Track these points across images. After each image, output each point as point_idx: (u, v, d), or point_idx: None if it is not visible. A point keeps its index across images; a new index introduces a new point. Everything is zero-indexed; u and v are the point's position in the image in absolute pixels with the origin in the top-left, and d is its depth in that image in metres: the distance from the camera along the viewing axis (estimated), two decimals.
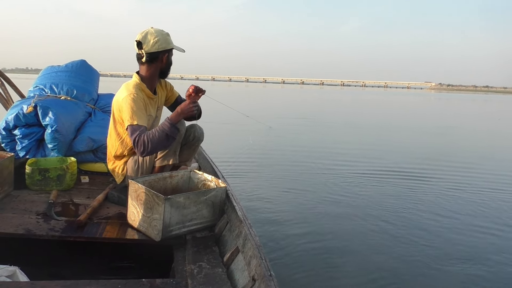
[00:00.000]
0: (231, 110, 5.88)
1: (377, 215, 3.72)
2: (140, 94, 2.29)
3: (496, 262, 2.84)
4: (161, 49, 2.31)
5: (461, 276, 2.65)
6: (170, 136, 2.18)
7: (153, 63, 2.35)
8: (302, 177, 5.19)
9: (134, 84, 2.33)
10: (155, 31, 2.33)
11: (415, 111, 23.07)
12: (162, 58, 2.36)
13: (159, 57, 2.35)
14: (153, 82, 2.43)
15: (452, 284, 2.57)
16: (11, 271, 1.48)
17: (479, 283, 2.56)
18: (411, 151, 7.95)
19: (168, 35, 2.37)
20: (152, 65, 2.36)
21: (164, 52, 2.34)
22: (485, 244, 3.19)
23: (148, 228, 1.86)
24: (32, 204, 2.21)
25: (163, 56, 2.35)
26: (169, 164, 2.36)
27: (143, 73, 2.38)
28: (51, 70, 3.23)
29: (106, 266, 2.01)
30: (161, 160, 2.34)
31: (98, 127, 2.96)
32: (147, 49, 2.30)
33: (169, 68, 2.45)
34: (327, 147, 7.87)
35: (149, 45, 2.29)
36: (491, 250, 3.06)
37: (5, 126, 2.76)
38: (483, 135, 11.84)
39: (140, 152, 2.15)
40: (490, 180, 5.48)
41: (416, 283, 2.56)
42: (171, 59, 2.43)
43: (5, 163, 2.29)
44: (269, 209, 3.71)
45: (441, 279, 2.61)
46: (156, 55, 2.33)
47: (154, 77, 2.41)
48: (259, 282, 1.36)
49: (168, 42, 2.35)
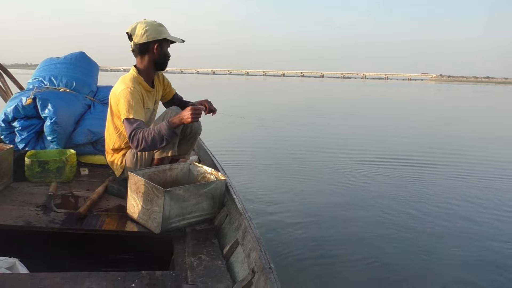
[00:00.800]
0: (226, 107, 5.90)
1: (381, 205, 3.72)
2: (137, 87, 2.26)
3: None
4: (150, 39, 2.25)
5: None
6: (167, 139, 2.12)
7: (145, 55, 2.31)
8: (302, 168, 5.19)
9: (131, 77, 2.29)
10: (145, 22, 2.27)
11: (419, 101, 23.15)
12: (153, 49, 2.29)
13: (150, 48, 2.28)
14: (150, 75, 2.38)
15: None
16: (10, 263, 1.48)
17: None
18: (420, 142, 7.92)
19: (161, 26, 2.29)
20: (144, 57, 2.31)
21: (154, 42, 2.27)
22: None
23: (147, 220, 1.86)
24: (32, 196, 2.21)
25: (153, 46, 2.28)
26: (168, 156, 2.33)
27: (139, 66, 2.34)
28: (50, 62, 3.21)
29: (105, 258, 2.01)
30: (160, 152, 2.31)
31: (97, 119, 2.95)
32: (136, 40, 2.25)
33: (164, 59, 2.37)
34: (329, 138, 7.87)
35: (138, 36, 2.25)
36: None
37: (4, 118, 2.75)
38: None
39: (135, 147, 2.13)
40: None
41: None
42: (166, 50, 2.35)
43: (5, 155, 2.29)
44: (269, 200, 3.71)
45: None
46: (145, 46, 2.27)
47: (149, 69, 2.36)
48: (259, 275, 1.36)
49: (158, 32, 2.27)
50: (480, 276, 2.54)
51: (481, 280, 2.50)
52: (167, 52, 2.37)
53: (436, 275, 2.55)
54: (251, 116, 10.87)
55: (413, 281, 2.49)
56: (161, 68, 2.42)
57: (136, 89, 2.24)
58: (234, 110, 11.42)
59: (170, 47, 2.40)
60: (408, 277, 2.53)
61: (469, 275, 2.55)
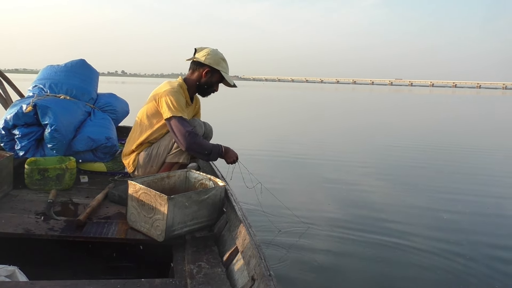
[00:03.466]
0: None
1: (382, 208, 3.71)
2: (182, 92, 2.47)
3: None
4: (206, 63, 2.46)
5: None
6: (211, 156, 2.39)
7: (195, 72, 2.53)
8: (303, 171, 5.20)
9: (178, 83, 2.51)
10: (215, 51, 2.51)
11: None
12: (203, 72, 2.49)
13: (201, 69, 2.49)
14: (192, 90, 2.57)
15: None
16: (10, 271, 1.48)
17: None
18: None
19: (224, 61, 2.52)
20: (194, 73, 2.53)
21: (206, 67, 2.47)
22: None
23: (150, 229, 1.85)
24: (31, 203, 2.21)
25: (204, 69, 2.48)
26: (179, 162, 2.45)
27: (187, 77, 2.56)
28: (50, 69, 3.23)
29: (105, 266, 2.01)
30: (172, 156, 2.43)
31: (97, 127, 2.96)
32: (197, 56, 2.49)
33: (208, 88, 2.55)
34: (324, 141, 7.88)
35: (200, 54, 2.48)
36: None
37: (4, 125, 2.75)
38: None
39: (186, 144, 2.30)
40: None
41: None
42: (214, 81, 2.53)
43: (4, 162, 2.29)
44: (269, 207, 3.70)
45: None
46: (199, 65, 2.49)
47: (192, 85, 2.55)
48: (259, 282, 1.36)
49: (217, 62, 2.47)
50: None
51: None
52: (214, 84, 2.55)
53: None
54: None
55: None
56: (201, 94, 2.63)
57: (181, 93, 2.46)
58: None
59: (225, 86, 2.63)
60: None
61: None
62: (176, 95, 2.39)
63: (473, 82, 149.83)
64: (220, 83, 2.58)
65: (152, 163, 2.47)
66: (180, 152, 2.42)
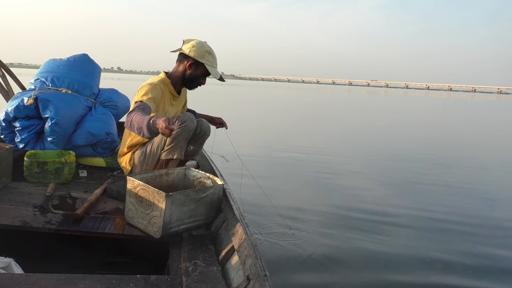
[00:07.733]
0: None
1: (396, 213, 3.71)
2: (161, 86, 2.42)
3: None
4: (190, 55, 2.41)
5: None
6: (141, 131, 1.98)
7: (181, 63, 2.49)
8: (302, 174, 5.20)
9: (158, 78, 2.49)
10: (201, 43, 2.45)
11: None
12: (187, 64, 2.45)
13: (185, 62, 2.46)
14: (178, 83, 2.54)
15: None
16: (5, 263, 1.48)
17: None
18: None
19: (210, 54, 2.44)
20: (180, 65, 2.50)
21: (190, 59, 2.43)
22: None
23: (147, 225, 1.85)
24: (30, 196, 2.21)
25: (188, 62, 2.44)
26: (174, 158, 2.40)
27: (173, 71, 2.53)
28: (53, 63, 3.23)
29: (101, 261, 2.01)
30: (166, 152, 2.41)
31: (98, 122, 2.96)
32: (183, 48, 2.45)
33: (193, 81, 2.52)
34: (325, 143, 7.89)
35: (186, 46, 2.43)
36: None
37: (5, 117, 2.75)
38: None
39: (126, 125, 2.09)
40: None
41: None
42: (199, 74, 2.47)
43: (4, 154, 2.30)
44: (267, 206, 3.70)
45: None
46: (184, 57, 2.46)
47: (178, 77, 2.52)
48: (254, 282, 1.36)
49: (202, 55, 2.41)
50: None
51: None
52: (200, 77, 2.49)
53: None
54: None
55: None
56: (188, 87, 2.60)
57: (159, 86, 2.40)
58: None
59: (210, 78, 2.56)
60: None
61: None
62: (148, 86, 2.32)
63: (468, 86, 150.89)
64: (207, 76, 2.50)
65: (147, 161, 2.46)
66: (173, 148, 2.38)
